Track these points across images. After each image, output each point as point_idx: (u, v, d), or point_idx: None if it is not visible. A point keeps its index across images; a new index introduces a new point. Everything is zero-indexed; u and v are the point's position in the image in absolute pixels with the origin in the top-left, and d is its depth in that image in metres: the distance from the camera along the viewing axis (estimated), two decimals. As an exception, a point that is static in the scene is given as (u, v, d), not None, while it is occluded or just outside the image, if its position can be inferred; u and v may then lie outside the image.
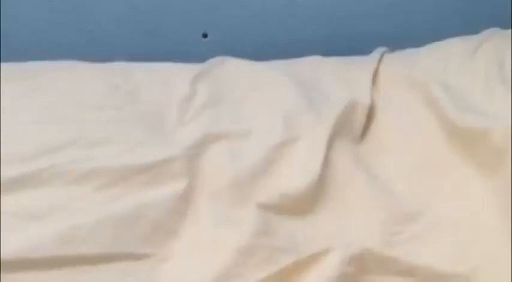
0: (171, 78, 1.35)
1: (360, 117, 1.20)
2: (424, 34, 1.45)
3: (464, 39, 1.38)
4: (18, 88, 1.23)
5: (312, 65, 1.42)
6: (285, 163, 1.08)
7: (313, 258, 0.86)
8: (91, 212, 0.87)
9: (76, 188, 0.93)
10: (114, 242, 0.84)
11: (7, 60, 1.40)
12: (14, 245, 0.80)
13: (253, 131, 1.16)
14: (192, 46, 1.65)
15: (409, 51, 1.41)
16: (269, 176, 1.05)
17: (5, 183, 0.91)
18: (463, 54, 1.30)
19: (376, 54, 1.40)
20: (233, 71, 1.38)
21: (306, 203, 1.00)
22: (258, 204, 0.97)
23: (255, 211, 0.96)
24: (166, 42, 1.66)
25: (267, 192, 1.01)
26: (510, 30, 1.37)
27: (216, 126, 1.16)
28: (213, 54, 1.49)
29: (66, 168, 0.95)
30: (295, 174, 1.05)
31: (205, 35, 1.66)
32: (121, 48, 1.62)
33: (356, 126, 1.18)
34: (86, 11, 1.63)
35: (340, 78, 1.33)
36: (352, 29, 1.63)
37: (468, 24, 1.46)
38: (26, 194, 0.91)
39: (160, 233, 0.89)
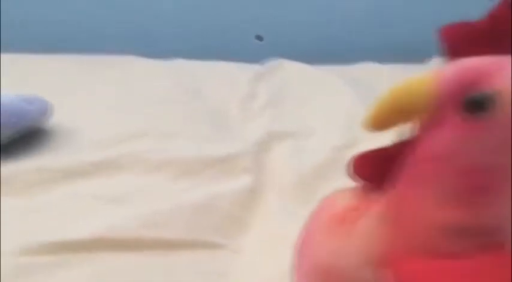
0: (231, 76, 1.37)
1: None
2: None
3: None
4: (90, 79, 1.26)
5: (369, 71, 1.44)
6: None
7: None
8: (168, 199, 0.89)
9: (153, 176, 0.95)
10: (191, 229, 0.86)
11: (69, 52, 1.44)
12: (96, 226, 0.81)
13: (315, 132, 1.17)
14: (247, 48, 1.67)
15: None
16: (332, 176, 1.06)
17: (86, 167, 0.93)
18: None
19: (433, 62, 1.40)
20: (292, 73, 1.40)
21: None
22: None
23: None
24: (221, 44, 1.68)
25: (330, 191, 1.02)
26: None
27: (279, 125, 1.17)
28: (267, 57, 1.51)
29: (144, 157, 0.98)
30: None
31: (259, 38, 1.68)
32: (175, 48, 1.65)
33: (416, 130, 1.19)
34: (142, 10, 1.66)
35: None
36: (409, 36, 1.64)
37: None
38: (106, 178, 0.93)
39: (233, 224, 0.91)
